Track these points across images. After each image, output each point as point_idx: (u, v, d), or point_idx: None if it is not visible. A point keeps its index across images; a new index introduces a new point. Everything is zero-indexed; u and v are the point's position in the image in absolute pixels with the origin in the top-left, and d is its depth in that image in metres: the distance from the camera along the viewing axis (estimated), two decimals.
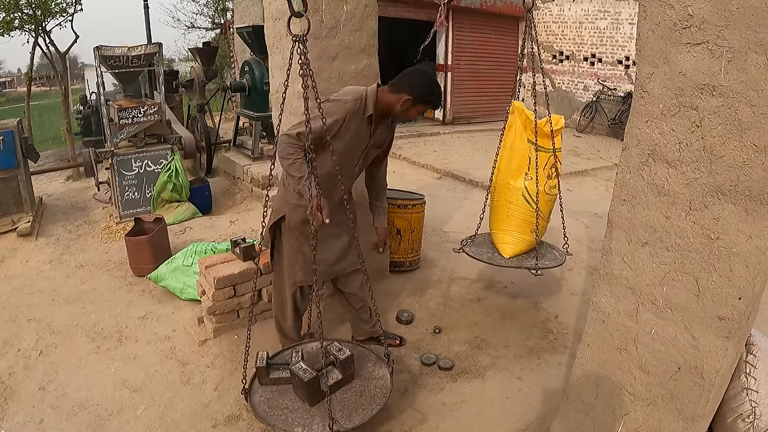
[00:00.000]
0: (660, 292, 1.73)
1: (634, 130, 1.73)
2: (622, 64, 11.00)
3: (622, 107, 10.49)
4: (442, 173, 7.87)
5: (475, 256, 3.58)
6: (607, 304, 1.91)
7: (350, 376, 2.60)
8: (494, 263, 3.55)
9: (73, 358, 3.42)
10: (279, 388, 2.61)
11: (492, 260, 3.56)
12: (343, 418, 2.39)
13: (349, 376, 2.59)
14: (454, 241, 5.13)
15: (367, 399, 2.50)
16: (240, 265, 3.46)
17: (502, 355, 3.30)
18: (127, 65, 5.73)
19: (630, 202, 1.78)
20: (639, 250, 1.77)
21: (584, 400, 2.09)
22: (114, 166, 5.63)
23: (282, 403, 2.52)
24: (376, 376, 2.66)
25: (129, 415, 2.91)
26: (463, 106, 11.81)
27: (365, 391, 2.55)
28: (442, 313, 3.82)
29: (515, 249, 3.55)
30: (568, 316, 3.72)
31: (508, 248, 3.56)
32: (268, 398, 2.58)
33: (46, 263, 4.85)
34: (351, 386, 2.58)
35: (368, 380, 2.63)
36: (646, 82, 1.66)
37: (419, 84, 2.73)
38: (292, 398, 2.53)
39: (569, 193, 6.54)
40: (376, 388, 2.57)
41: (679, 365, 1.74)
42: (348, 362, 2.57)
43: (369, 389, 2.57)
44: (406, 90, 2.72)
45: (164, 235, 4.70)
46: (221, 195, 6.86)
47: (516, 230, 3.52)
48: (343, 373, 2.56)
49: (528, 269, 3.44)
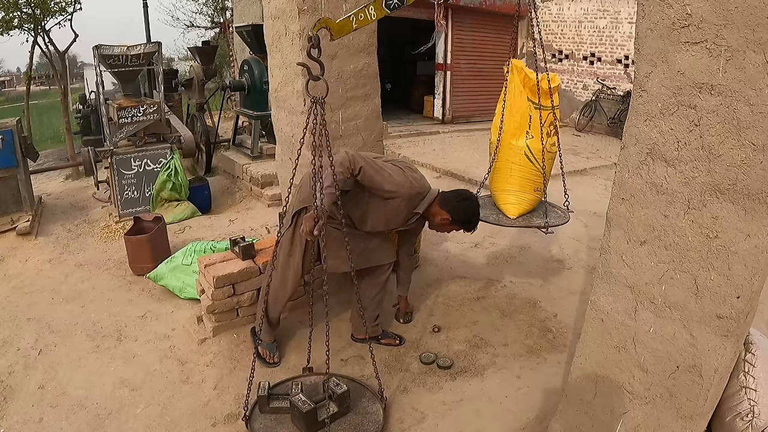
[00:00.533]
0: (658, 290, 1.74)
1: (632, 129, 1.73)
2: (622, 63, 11.00)
3: (621, 106, 10.49)
4: (441, 172, 7.87)
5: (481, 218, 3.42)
6: (606, 302, 1.91)
7: (345, 410, 2.72)
8: (501, 224, 3.51)
9: (73, 357, 3.42)
10: (278, 417, 2.72)
11: (499, 221, 3.51)
12: None
13: (344, 410, 2.71)
14: (453, 240, 5.14)
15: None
16: (239, 264, 3.46)
17: (501, 353, 3.31)
18: (126, 64, 5.73)
19: (628, 201, 1.78)
20: (637, 249, 1.77)
21: (583, 398, 2.09)
22: (113, 165, 5.62)
23: (280, 431, 2.63)
24: (369, 410, 2.77)
25: (128, 413, 2.90)
26: (462, 105, 11.81)
27: (359, 425, 2.67)
28: (441, 312, 3.82)
29: (519, 209, 3.51)
30: (567, 315, 3.72)
31: (512, 208, 3.51)
32: (267, 426, 2.68)
33: (46, 262, 4.85)
34: (346, 419, 2.70)
35: (362, 414, 2.75)
36: (644, 81, 1.67)
37: (463, 212, 3.02)
38: (290, 427, 2.66)
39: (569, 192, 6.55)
40: (369, 422, 2.68)
41: (677, 364, 1.74)
42: (344, 397, 2.70)
43: (362, 423, 2.69)
44: (450, 210, 3.01)
45: (164, 234, 4.70)
46: (220, 194, 6.86)
47: (519, 189, 3.48)
48: (339, 407, 2.68)
49: (538, 228, 3.40)
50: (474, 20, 11.61)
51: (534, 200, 3.53)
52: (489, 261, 4.65)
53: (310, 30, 2.28)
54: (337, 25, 2.40)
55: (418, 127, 10.91)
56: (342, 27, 2.42)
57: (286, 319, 3.60)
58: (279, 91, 3.69)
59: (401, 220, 3.03)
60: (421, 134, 10.39)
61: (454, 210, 3.01)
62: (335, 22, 2.39)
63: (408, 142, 9.82)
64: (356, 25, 2.44)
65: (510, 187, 3.50)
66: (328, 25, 2.38)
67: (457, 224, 3.05)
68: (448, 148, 9.37)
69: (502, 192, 3.54)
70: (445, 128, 11.00)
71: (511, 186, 3.49)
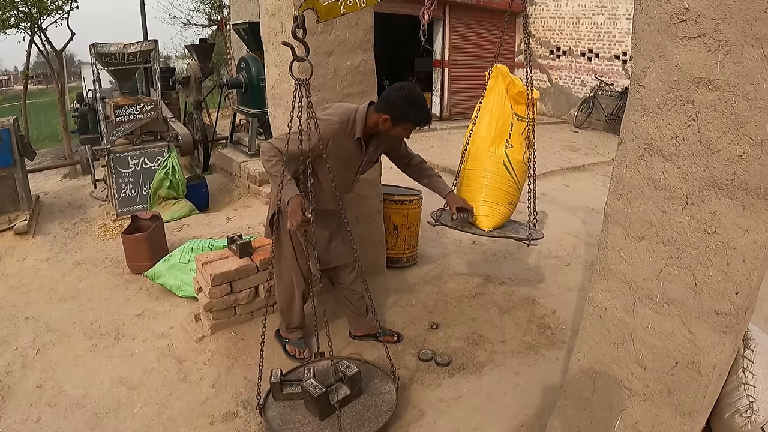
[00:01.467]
0: (657, 286, 1.73)
1: (630, 125, 1.72)
2: (620, 60, 10.99)
3: (619, 102, 10.48)
4: (439, 168, 7.85)
5: (457, 227, 3.25)
6: (604, 299, 1.90)
7: (358, 392, 2.73)
8: (477, 233, 3.25)
9: (71, 356, 3.41)
10: (291, 404, 2.74)
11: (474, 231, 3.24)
12: (351, 431, 2.52)
13: (357, 392, 2.72)
14: (451, 237, 5.13)
15: (374, 413, 2.64)
16: (237, 262, 3.45)
17: (500, 350, 3.30)
18: (122, 62, 5.71)
19: (626, 196, 1.77)
20: (635, 245, 1.76)
21: (581, 395, 2.08)
22: (110, 163, 5.61)
23: (294, 417, 2.65)
24: (382, 391, 2.79)
25: (126, 412, 2.90)
26: (460, 101, 11.79)
27: (372, 406, 2.69)
28: (439, 309, 3.81)
29: (493, 221, 3.24)
30: (566, 311, 3.72)
31: (486, 220, 3.23)
32: (281, 413, 2.69)
33: (43, 261, 4.83)
34: (359, 401, 2.71)
35: (375, 395, 2.76)
36: (642, 76, 1.66)
37: (396, 101, 2.65)
38: (304, 413, 2.67)
39: (566, 189, 6.54)
40: (383, 402, 2.70)
41: (676, 360, 1.74)
42: (355, 379, 2.70)
43: (375, 404, 2.70)
44: (384, 108, 2.68)
45: (161, 233, 4.68)
46: (218, 192, 6.84)
47: (493, 201, 3.23)
48: (351, 389, 2.69)
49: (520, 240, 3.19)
50: (471, 17, 11.59)
51: (507, 214, 3.32)
52: (487, 258, 4.64)
53: (296, 9, 2.25)
54: (325, 8, 2.35)
55: None
56: (329, 10, 2.37)
57: None
58: (276, 89, 3.68)
59: (358, 157, 2.83)
60: (420, 131, 10.37)
61: (389, 104, 2.66)
62: (322, 4, 2.35)
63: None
64: (344, 9, 2.40)
65: (483, 198, 3.24)
66: (314, 5, 2.32)
67: (401, 120, 2.67)
68: (446, 145, 9.37)
69: (474, 202, 3.24)
70: (443, 125, 11.00)
71: (485, 196, 3.23)
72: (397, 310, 3.79)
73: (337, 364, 2.74)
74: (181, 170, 5.87)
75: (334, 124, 2.70)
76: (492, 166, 3.22)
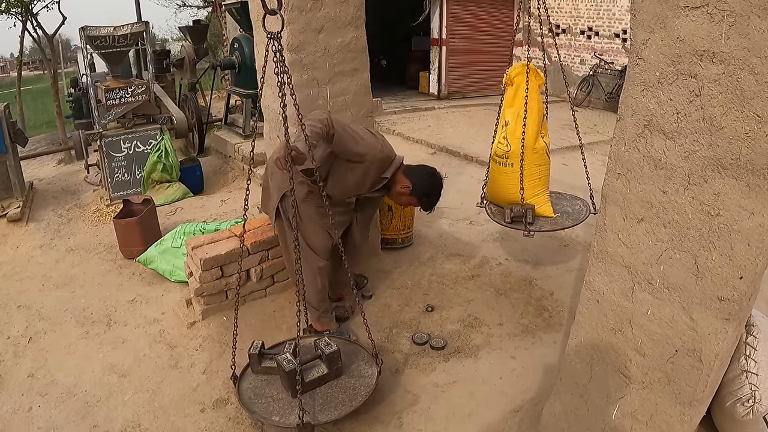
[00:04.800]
0: (657, 271, 1.65)
1: (629, 100, 1.62)
2: (619, 38, 10.79)
3: (619, 81, 10.31)
4: (436, 148, 7.76)
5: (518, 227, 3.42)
6: (602, 283, 1.82)
7: (337, 372, 2.61)
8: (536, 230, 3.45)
9: (62, 344, 3.38)
10: (269, 378, 2.64)
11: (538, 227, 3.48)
12: (320, 412, 2.41)
13: (335, 372, 2.60)
14: (447, 217, 5.06)
15: (349, 396, 2.51)
16: (227, 245, 3.38)
17: (496, 333, 3.24)
18: (113, 45, 5.59)
19: (625, 176, 1.68)
20: (635, 227, 1.68)
21: (578, 382, 2.02)
22: (102, 147, 5.52)
23: (268, 392, 2.55)
24: (363, 374, 2.65)
25: (117, 400, 2.87)
26: (458, 80, 11.61)
27: (349, 388, 2.56)
28: (435, 290, 3.75)
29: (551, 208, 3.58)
30: (564, 293, 3.65)
31: (550, 208, 3.55)
32: (256, 386, 2.60)
33: (37, 248, 4.78)
34: (338, 382, 2.59)
35: (355, 378, 2.62)
36: (641, 49, 1.56)
37: (426, 184, 2.96)
38: (279, 388, 2.56)
39: (565, 168, 6.43)
40: (361, 386, 2.56)
41: (676, 348, 1.67)
42: (334, 357, 2.57)
43: (354, 386, 2.57)
44: (412, 179, 2.94)
45: (153, 217, 4.61)
46: (213, 174, 6.75)
47: (545, 188, 3.58)
48: (329, 368, 2.57)
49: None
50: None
51: None
52: (484, 238, 4.57)
53: None
54: None
55: (414, 103, 10.74)
56: None
57: (275, 301, 3.55)
58: (265, 68, 3.56)
59: (368, 185, 2.95)
60: (417, 110, 10.23)
61: (418, 181, 2.95)
62: None
63: (403, 118, 9.66)
64: None
65: (542, 189, 3.52)
66: None
67: (416, 195, 2.97)
68: (443, 124, 9.23)
69: (536, 198, 3.48)
70: (441, 104, 10.83)
71: (542, 188, 3.52)
72: (392, 293, 3.73)
73: (317, 340, 2.63)
74: (174, 153, 5.78)
75: (385, 152, 2.93)
76: (539, 159, 3.44)
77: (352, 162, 2.82)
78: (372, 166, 2.87)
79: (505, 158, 3.46)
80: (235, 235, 3.54)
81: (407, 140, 8.34)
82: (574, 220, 3.56)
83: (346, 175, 2.87)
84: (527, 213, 3.36)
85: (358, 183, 2.92)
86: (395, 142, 8.23)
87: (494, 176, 3.58)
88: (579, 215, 3.63)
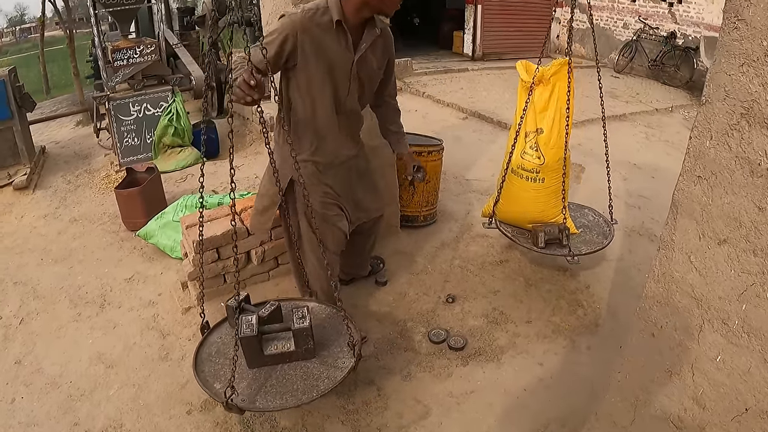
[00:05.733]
0: (736, 309, 1.22)
1: (720, 77, 1.16)
2: (666, 2, 9.85)
3: (664, 48, 9.48)
4: (468, 113, 7.24)
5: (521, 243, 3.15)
6: (660, 314, 1.40)
7: (307, 353, 2.12)
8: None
9: (53, 326, 3.19)
10: None
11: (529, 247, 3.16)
12: (262, 395, 2.00)
13: (304, 352, 2.12)
14: (477, 191, 4.63)
15: (307, 385, 2.04)
16: (225, 225, 3.05)
17: (523, 333, 2.85)
18: (121, 2, 5.23)
19: (708, 180, 1.24)
20: (714, 250, 1.24)
21: (617, 422, 1.63)
22: (111, 111, 5.22)
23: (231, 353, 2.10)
24: (338, 364, 2.12)
25: (101, 395, 2.66)
26: (493, 41, 10.89)
27: (312, 376, 2.07)
28: (457, 277, 3.37)
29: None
30: (601, 286, 3.21)
31: (572, 223, 3.20)
32: (223, 343, 2.25)
33: (41, 218, 4.57)
34: (304, 365, 2.12)
35: (327, 365, 2.11)
36: (742, 8, 1.09)
37: None
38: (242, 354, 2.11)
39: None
40: (326, 378, 2.06)
41: (747, 405, 1.26)
42: (303, 335, 2.07)
43: (318, 375, 2.07)
44: None
45: (158, 186, 4.32)
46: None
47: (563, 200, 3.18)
48: (297, 346, 2.09)
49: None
50: None
51: None
52: None
53: None
54: None
55: (446, 64, 10.12)
56: None
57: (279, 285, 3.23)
58: (270, 24, 3.17)
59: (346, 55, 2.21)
60: (449, 71, 9.63)
61: None
62: None
63: (434, 80, 9.10)
64: None
65: (566, 201, 3.13)
66: None
67: None
68: (476, 87, 8.65)
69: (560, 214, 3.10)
70: (475, 65, 10.19)
71: (565, 200, 3.12)
72: (410, 279, 3.36)
73: (298, 308, 2.14)
74: (186, 116, 5.45)
75: (297, 15, 2.14)
76: (567, 167, 3.05)
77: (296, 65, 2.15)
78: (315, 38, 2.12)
79: (535, 172, 3.00)
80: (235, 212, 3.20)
81: (437, 103, 7.83)
82: (602, 235, 3.25)
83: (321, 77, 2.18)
84: (564, 234, 2.98)
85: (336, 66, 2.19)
86: (425, 105, 7.76)
87: (515, 193, 3.12)
88: (601, 228, 3.32)
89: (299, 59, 2.14)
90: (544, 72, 2.90)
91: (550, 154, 2.95)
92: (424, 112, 7.30)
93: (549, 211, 3.09)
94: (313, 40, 2.12)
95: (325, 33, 2.14)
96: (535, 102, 2.97)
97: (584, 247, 3.09)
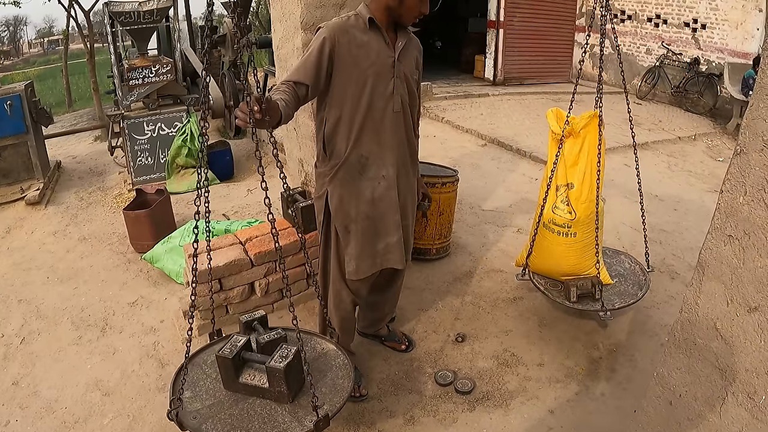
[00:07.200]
0: (764, 383, 1.11)
1: (758, 124, 1.04)
2: (689, 27, 9.75)
3: (687, 74, 9.35)
4: (487, 140, 7.15)
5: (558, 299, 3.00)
6: (680, 381, 1.29)
7: (280, 396, 1.87)
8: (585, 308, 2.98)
9: (53, 348, 3.14)
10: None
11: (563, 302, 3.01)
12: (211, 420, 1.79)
13: (278, 395, 1.87)
14: (493, 222, 4.52)
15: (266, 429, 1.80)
16: (228, 255, 2.98)
17: (534, 377, 2.72)
18: (138, 21, 5.27)
19: (740, 240, 1.13)
20: (743, 317, 1.13)
21: None
22: (125, 129, 5.23)
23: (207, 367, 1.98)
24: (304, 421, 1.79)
25: (95, 424, 2.59)
26: (514, 65, 10.85)
27: (270, 424, 1.80)
28: (468, 315, 3.25)
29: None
30: (618, 327, 3.07)
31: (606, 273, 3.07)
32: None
33: (50, 235, 4.56)
34: (274, 407, 1.86)
35: (292, 417, 1.82)
36: None
37: None
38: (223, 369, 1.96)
39: (627, 169, 5.72)
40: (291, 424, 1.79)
41: None
42: (275, 376, 1.83)
43: (276, 425, 1.79)
44: None
45: (167, 209, 4.28)
46: (245, 159, 6.38)
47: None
48: (270, 386, 1.86)
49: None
50: None
51: None
52: None
53: None
54: None
55: (467, 89, 10.07)
56: None
57: (283, 318, 3.14)
58: (281, 49, 3.14)
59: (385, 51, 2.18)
60: (469, 96, 9.56)
61: None
62: None
63: (454, 104, 9.04)
64: None
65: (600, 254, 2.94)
66: None
67: None
68: (497, 113, 8.57)
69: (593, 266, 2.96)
70: (496, 90, 10.13)
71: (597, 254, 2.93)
72: (418, 315, 3.25)
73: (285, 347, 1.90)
74: (201, 137, 5.44)
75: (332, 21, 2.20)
76: (600, 222, 2.90)
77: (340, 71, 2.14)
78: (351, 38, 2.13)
79: (567, 227, 2.90)
80: (239, 242, 3.13)
81: (456, 129, 7.76)
82: (637, 285, 3.08)
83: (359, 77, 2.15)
84: (597, 288, 2.85)
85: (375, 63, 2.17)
86: (444, 131, 7.69)
87: (547, 246, 3.00)
88: (637, 277, 3.17)
89: (337, 61, 2.12)
90: (575, 125, 2.82)
91: (582, 209, 2.85)
92: (443, 138, 7.24)
93: (582, 264, 2.97)
94: (351, 40, 2.13)
95: (362, 33, 2.16)
96: (565, 155, 2.88)
97: (617, 300, 2.94)
